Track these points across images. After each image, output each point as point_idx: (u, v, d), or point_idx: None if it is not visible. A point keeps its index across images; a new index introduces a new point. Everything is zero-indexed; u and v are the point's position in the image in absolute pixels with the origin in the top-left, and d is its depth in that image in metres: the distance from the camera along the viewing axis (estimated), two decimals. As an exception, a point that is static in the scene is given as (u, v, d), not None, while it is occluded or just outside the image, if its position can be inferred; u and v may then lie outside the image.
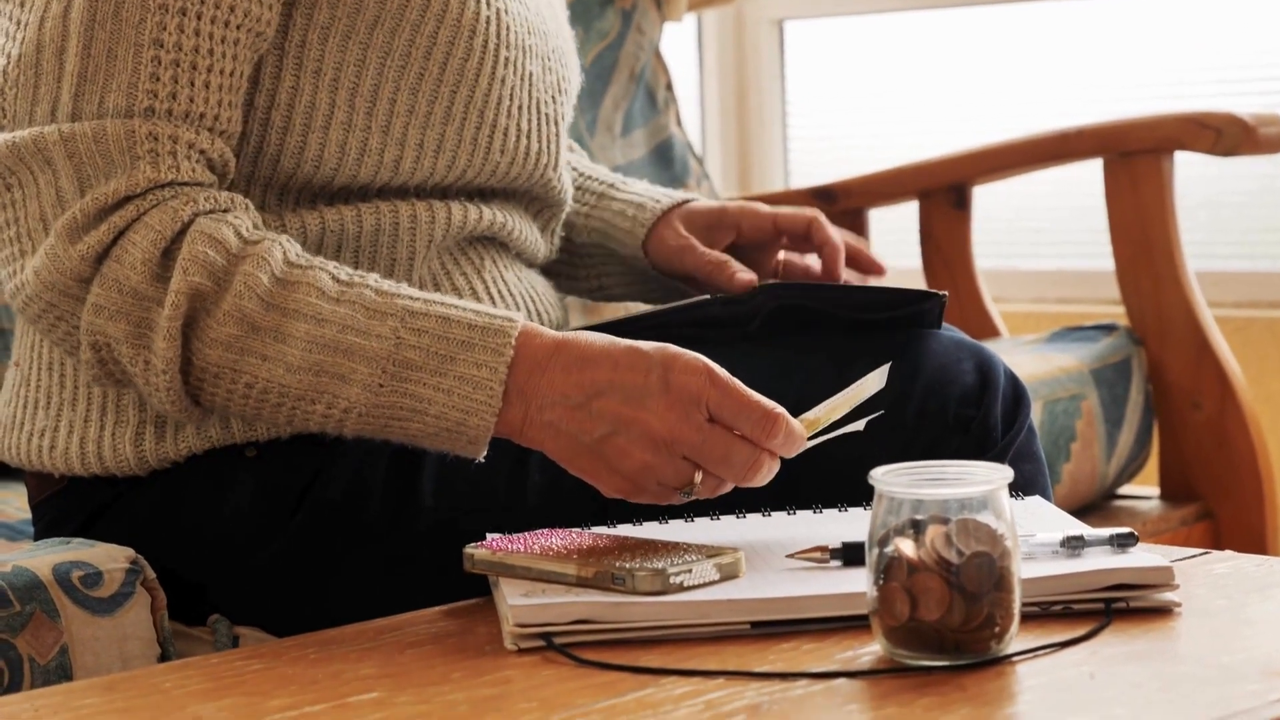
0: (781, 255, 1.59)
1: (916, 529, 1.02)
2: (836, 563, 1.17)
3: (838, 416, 1.23)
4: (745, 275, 1.48)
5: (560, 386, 1.20)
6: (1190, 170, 2.54)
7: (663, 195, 1.58)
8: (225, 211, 1.26)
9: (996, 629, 1.02)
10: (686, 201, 1.57)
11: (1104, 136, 2.45)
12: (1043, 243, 3.25)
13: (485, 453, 1.22)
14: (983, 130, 3.00)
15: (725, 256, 1.51)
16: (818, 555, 1.17)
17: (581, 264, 1.62)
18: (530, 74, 1.43)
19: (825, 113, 3.47)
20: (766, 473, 1.20)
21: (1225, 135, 2.36)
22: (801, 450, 1.20)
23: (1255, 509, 2.37)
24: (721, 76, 3.43)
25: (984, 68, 3.29)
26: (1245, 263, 3.07)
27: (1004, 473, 1.04)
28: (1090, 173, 2.56)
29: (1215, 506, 2.40)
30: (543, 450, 1.22)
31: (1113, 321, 2.46)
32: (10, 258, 1.28)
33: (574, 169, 1.63)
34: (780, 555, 1.19)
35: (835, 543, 1.18)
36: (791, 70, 3.48)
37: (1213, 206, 3.06)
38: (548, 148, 1.46)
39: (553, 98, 1.47)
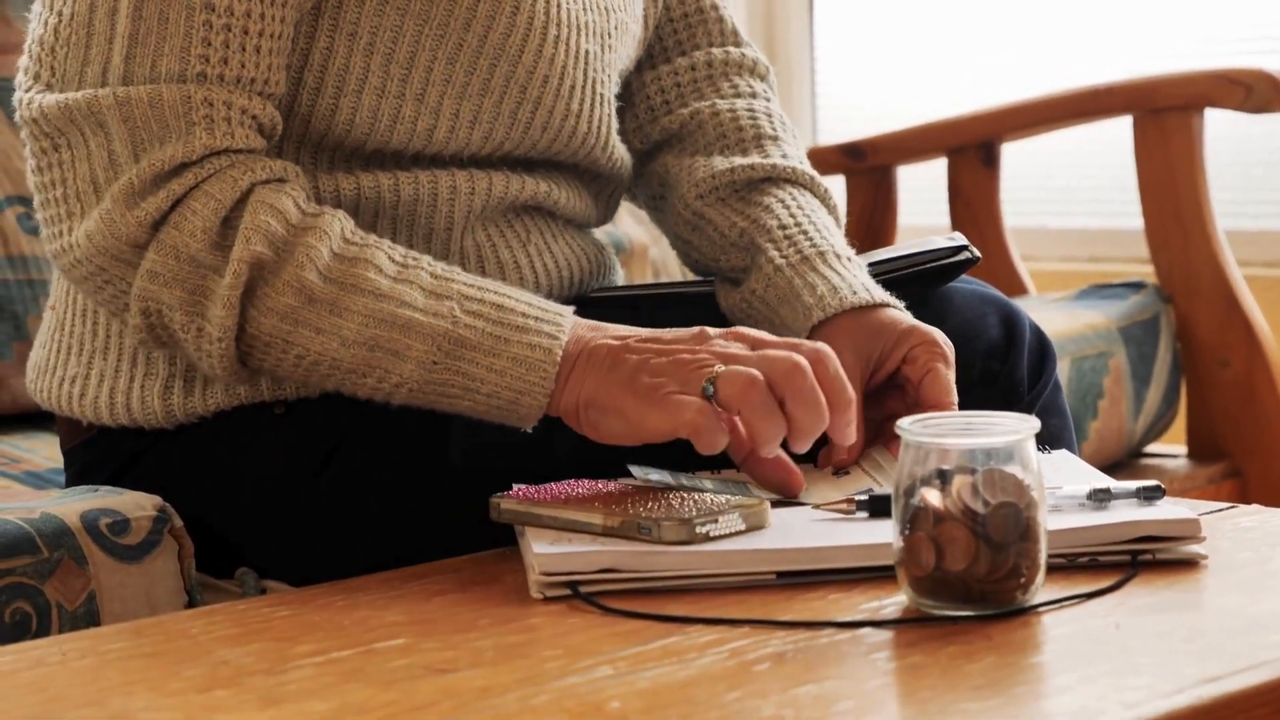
0: None
1: (943, 479, 1.02)
2: (863, 514, 1.17)
3: None
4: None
5: (605, 343, 1.22)
6: (1220, 129, 2.53)
7: (861, 289, 1.34)
8: (282, 182, 1.26)
9: (1022, 579, 1.02)
10: (882, 305, 1.33)
11: (1134, 93, 2.44)
12: (1071, 201, 3.24)
13: (531, 426, 1.24)
14: (1012, 87, 2.99)
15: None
16: (844, 506, 1.17)
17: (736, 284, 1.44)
18: (586, 52, 1.39)
19: (854, 69, 3.45)
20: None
21: (1256, 92, 2.35)
22: None
23: (1283, 467, 2.37)
24: (750, 32, 3.42)
25: (1014, 24, 3.27)
26: (1275, 221, 3.06)
27: (1031, 423, 1.03)
28: (1119, 130, 2.55)
29: (1243, 465, 2.39)
30: (581, 395, 1.22)
31: (1141, 279, 2.45)
32: (56, 218, 1.28)
33: (793, 221, 1.41)
34: (808, 506, 1.20)
35: (862, 494, 1.18)
36: (820, 26, 3.46)
37: (1243, 165, 3.04)
38: (597, 129, 1.42)
39: (609, 77, 1.43)
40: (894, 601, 1.06)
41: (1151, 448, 2.45)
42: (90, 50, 1.27)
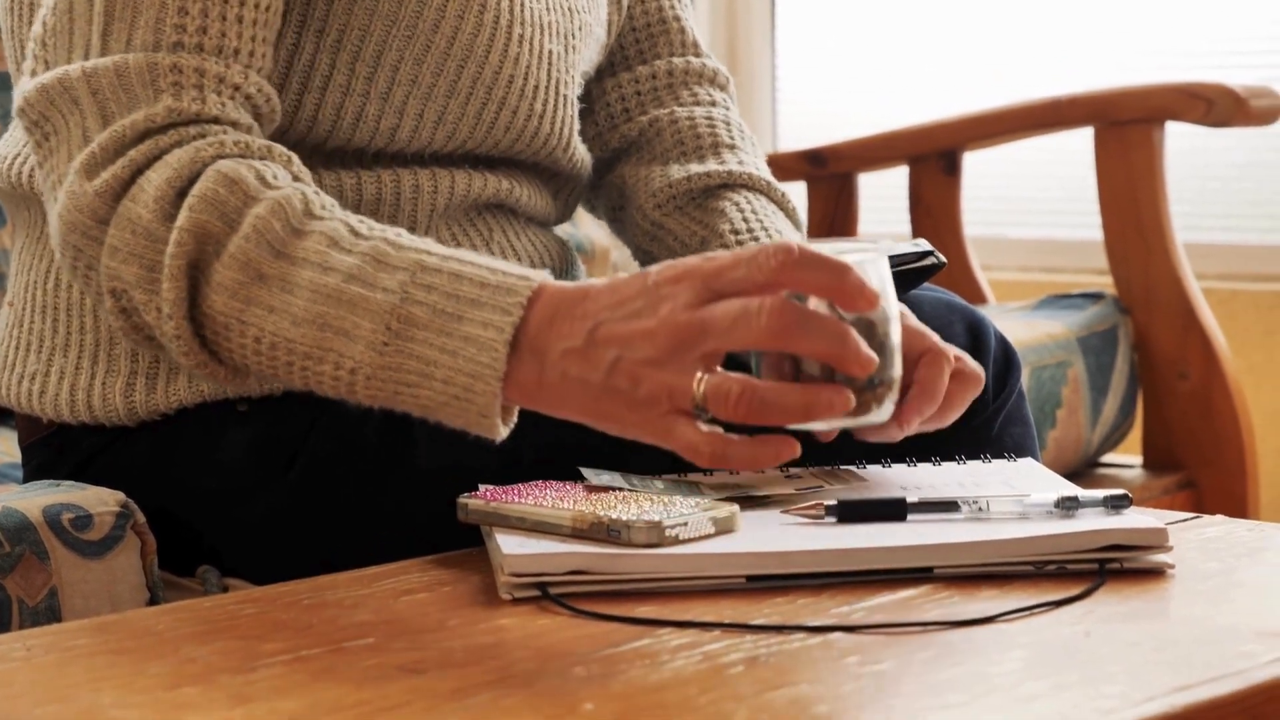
0: None
1: (800, 299, 1.06)
2: (831, 519, 1.17)
3: None
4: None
5: (566, 332, 1.07)
6: (1179, 142, 2.55)
7: None
8: (258, 159, 1.18)
9: (878, 390, 1.08)
10: None
11: (1096, 105, 2.46)
12: (1030, 211, 3.25)
13: (504, 430, 1.10)
14: (974, 96, 3.00)
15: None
16: (813, 510, 1.17)
17: None
18: (550, 53, 1.39)
19: (816, 75, 3.46)
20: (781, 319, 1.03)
21: (1217, 106, 2.37)
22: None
23: (1237, 479, 2.39)
24: (712, 37, 3.42)
25: (977, 33, 3.29)
26: (1231, 235, 3.08)
27: (881, 246, 1.10)
28: (1078, 142, 2.56)
29: (1197, 476, 2.41)
30: (565, 413, 1.09)
31: (1100, 290, 2.47)
32: (51, 205, 1.22)
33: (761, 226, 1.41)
34: (776, 510, 1.19)
35: (831, 500, 1.18)
36: (782, 32, 3.47)
37: (1200, 179, 3.06)
38: (559, 130, 1.42)
39: (573, 78, 1.43)
40: (864, 607, 1.06)
41: (1107, 458, 2.46)
42: (74, 35, 1.23)
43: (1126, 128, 2.42)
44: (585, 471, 1.24)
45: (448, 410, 1.10)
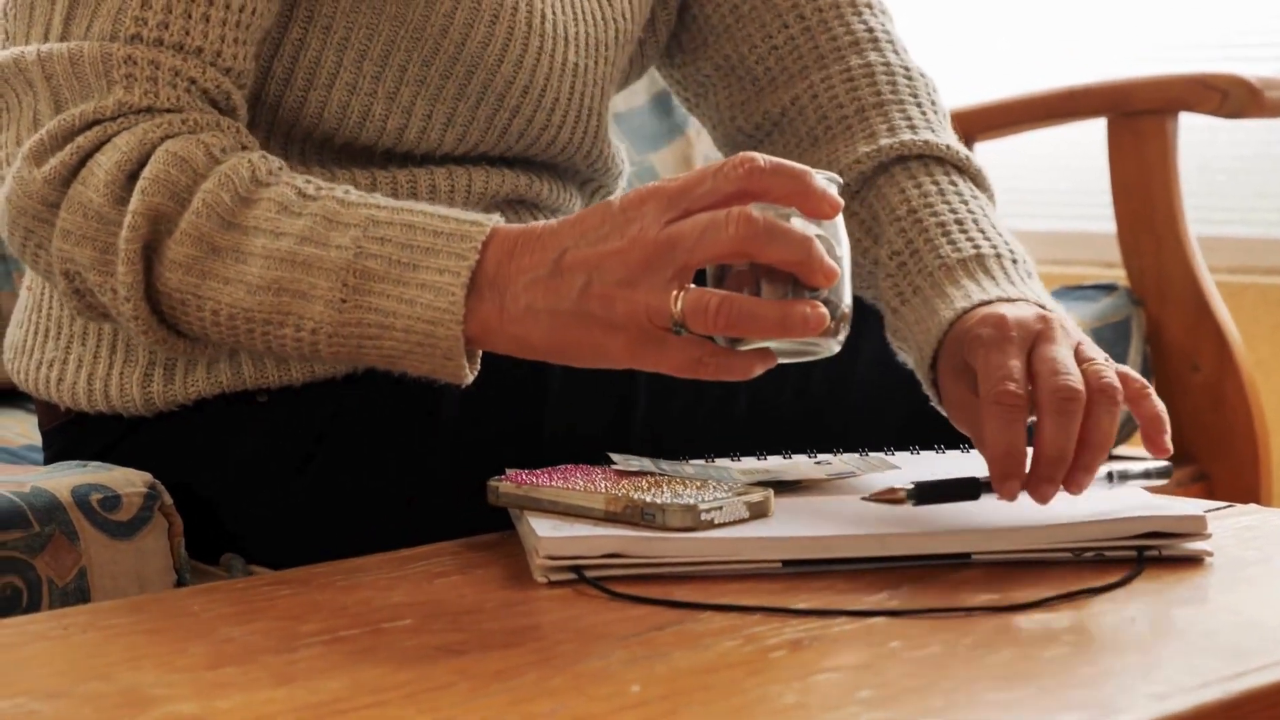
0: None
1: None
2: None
3: None
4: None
5: (528, 265, 1.08)
6: (1188, 135, 2.54)
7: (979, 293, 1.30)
8: (206, 132, 1.18)
9: (836, 315, 1.07)
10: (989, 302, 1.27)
11: (1109, 95, 2.45)
12: (1042, 203, 3.25)
13: (468, 373, 1.11)
14: (987, 86, 2.99)
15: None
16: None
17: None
18: (575, 66, 1.36)
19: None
20: (749, 227, 1.04)
21: (1231, 97, 2.36)
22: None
23: (1250, 472, 2.38)
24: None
25: (989, 24, 3.28)
26: (1240, 228, 3.07)
27: (835, 178, 1.09)
28: (1090, 134, 2.56)
29: (1210, 469, 2.40)
30: (529, 347, 1.09)
31: (1113, 282, 2.46)
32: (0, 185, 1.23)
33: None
34: (812, 496, 1.19)
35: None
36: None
37: (1209, 171, 3.06)
38: (579, 141, 1.39)
39: (603, 90, 1.40)
40: (904, 592, 1.05)
41: (1120, 450, 2.45)
42: (34, 12, 1.22)
43: (1140, 119, 2.41)
44: (615, 456, 1.24)
45: (412, 358, 1.11)
